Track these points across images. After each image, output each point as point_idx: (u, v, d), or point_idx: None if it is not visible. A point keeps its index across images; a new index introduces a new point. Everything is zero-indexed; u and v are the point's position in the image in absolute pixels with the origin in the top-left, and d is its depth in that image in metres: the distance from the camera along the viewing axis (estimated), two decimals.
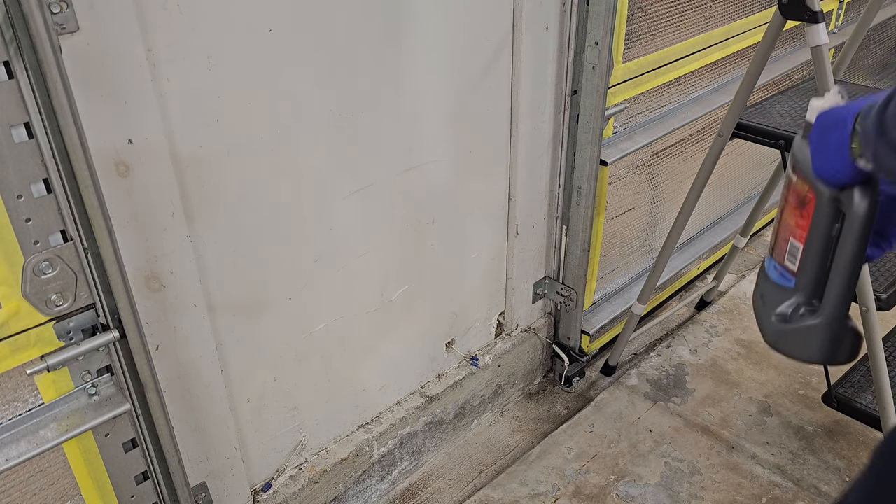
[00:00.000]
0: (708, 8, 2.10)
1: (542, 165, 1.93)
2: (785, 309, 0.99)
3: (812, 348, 0.97)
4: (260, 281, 1.45)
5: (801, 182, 0.94)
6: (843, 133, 0.84)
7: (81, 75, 1.03)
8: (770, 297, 1.01)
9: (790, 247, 0.98)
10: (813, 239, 0.95)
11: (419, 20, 1.50)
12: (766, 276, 1.03)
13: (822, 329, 0.96)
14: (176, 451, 1.26)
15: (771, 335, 1.02)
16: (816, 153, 0.90)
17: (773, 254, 1.02)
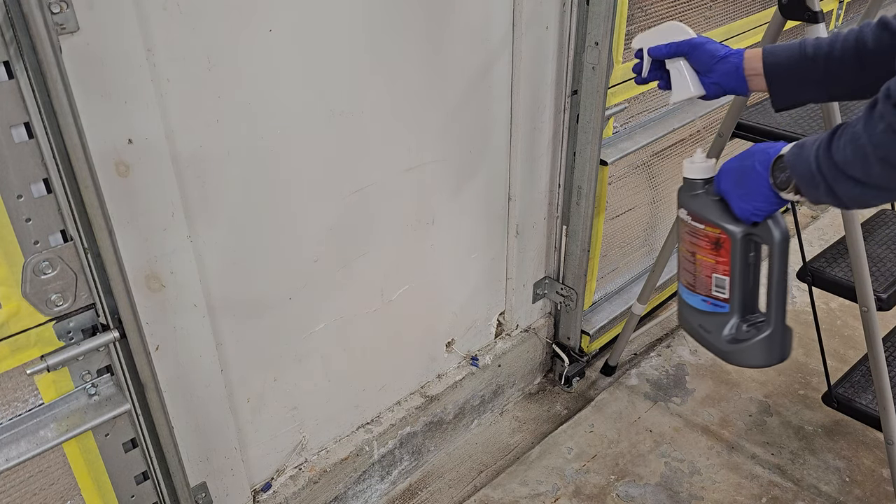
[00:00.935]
0: (708, 8, 2.10)
1: (542, 165, 1.93)
2: (730, 331, 1.19)
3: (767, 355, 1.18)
4: (260, 281, 1.45)
5: (709, 228, 1.14)
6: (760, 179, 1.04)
7: (81, 75, 1.03)
8: (710, 325, 1.21)
9: (716, 280, 1.17)
10: (737, 269, 1.14)
11: (420, 20, 1.50)
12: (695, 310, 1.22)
13: (772, 338, 1.17)
14: (176, 451, 1.26)
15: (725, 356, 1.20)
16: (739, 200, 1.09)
17: (694, 290, 1.21)
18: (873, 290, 1.64)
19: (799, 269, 1.85)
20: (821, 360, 1.88)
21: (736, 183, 1.10)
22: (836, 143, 0.90)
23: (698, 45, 1.23)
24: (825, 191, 0.93)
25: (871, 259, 1.82)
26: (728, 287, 1.17)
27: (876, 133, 0.84)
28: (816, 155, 0.93)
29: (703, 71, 1.24)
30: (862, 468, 1.95)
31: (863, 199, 0.92)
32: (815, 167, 0.93)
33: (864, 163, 0.86)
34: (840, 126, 0.91)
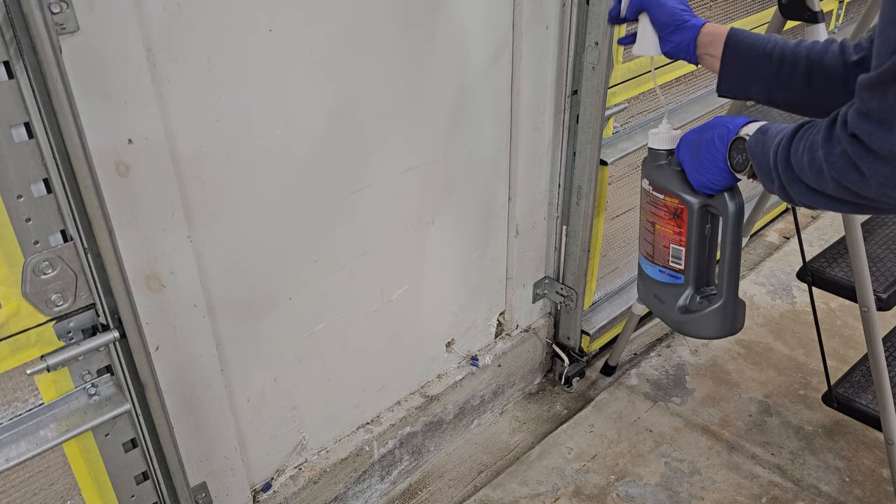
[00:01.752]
0: (708, 8, 2.10)
1: (542, 165, 1.93)
2: (684, 301, 1.20)
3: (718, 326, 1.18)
4: (260, 281, 1.45)
5: (668, 198, 1.16)
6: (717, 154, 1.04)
7: (81, 75, 1.03)
8: (666, 295, 1.23)
9: (672, 251, 1.19)
10: (692, 240, 1.16)
11: (420, 21, 1.50)
12: (653, 280, 1.24)
13: (723, 309, 1.16)
14: (176, 451, 1.26)
15: (678, 325, 1.22)
16: (694, 171, 1.10)
17: (653, 260, 1.23)
18: (873, 290, 1.64)
19: (799, 269, 1.85)
20: (821, 360, 1.88)
21: (692, 153, 1.09)
22: (796, 147, 0.89)
23: (660, 4, 1.21)
24: (779, 186, 0.93)
25: (871, 259, 1.82)
26: (684, 258, 1.18)
27: (833, 154, 0.83)
28: (776, 151, 0.92)
29: (661, 34, 1.22)
30: (862, 468, 1.95)
31: (813, 204, 0.91)
32: (773, 163, 0.93)
33: (819, 175, 0.86)
34: (802, 126, 0.90)
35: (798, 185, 0.90)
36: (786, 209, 3.10)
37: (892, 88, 0.75)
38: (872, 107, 0.77)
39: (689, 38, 1.19)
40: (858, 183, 0.81)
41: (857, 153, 0.79)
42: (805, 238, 2.86)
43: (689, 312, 1.20)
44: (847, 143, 0.80)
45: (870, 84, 0.77)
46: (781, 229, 3.04)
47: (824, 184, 0.85)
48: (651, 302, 1.27)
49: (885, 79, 0.75)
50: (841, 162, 0.82)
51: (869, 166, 0.79)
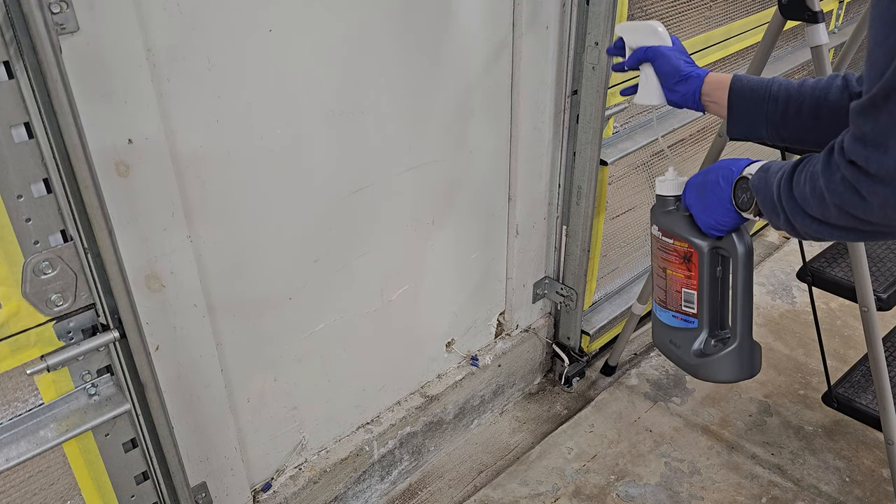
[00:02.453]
0: (708, 8, 2.10)
1: (542, 165, 1.93)
2: (698, 346, 1.20)
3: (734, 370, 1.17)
4: (260, 281, 1.45)
5: (677, 243, 1.17)
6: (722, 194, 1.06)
7: (81, 75, 1.03)
8: (680, 340, 1.22)
9: (685, 296, 1.20)
10: (704, 284, 1.17)
11: (420, 21, 1.50)
12: (667, 326, 1.24)
13: (738, 352, 1.16)
14: (176, 451, 1.26)
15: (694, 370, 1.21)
16: (701, 214, 1.12)
17: (665, 306, 1.24)
18: (873, 290, 1.64)
19: (799, 269, 1.85)
20: (821, 360, 1.88)
21: (699, 196, 1.12)
22: (798, 178, 0.91)
23: (664, 56, 1.25)
24: (784, 220, 0.95)
25: (871, 259, 1.82)
26: (696, 302, 1.19)
27: (833, 181, 0.84)
28: (779, 185, 0.94)
29: (665, 85, 1.27)
30: (862, 468, 1.95)
31: (819, 235, 0.92)
32: (776, 196, 0.94)
33: (822, 204, 0.87)
34: (803, 159, 0.92)
35: (802, 216, 0.91)
36: None
37: (883, 111, 0.76)
38: (867, 131, 0.78)
39: (693, 88, 1.22)
40: (860, 207, 0.82)
41: (856, 178, 0.80)
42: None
43: (704, 356, 1.20)
44: (845, 168, 0.82)
45: (862, 109, 0.78)
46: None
47: (828, 212, 0.87)
48: (666, 347, 1.27)
49: (875, 102, 0.76)
50: (842, 188, 0.83)
51: (868, 189, 0.80)
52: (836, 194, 0.84)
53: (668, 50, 1.26)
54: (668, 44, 1.27)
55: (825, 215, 0.87)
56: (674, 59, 1.24)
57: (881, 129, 0.76)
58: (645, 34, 1.28)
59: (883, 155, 0.77)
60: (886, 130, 0.76)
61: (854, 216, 0.84)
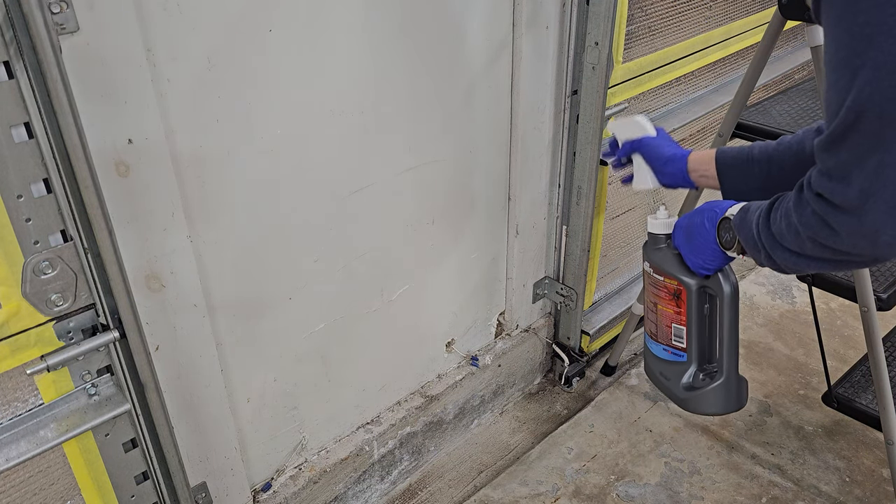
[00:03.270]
0: (708, 8, 2.10)
1: (542, 165, 1.93)
2: (687, 379, 1.25)
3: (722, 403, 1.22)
4: (260, 281, 1.45)
5: (668, 280, 1.22)
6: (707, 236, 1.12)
7: (81, 75, 1.03)
8: (669, 373, 1.27)
9: (675, 330, 1.24)
10: (693, 319, 1.21)
11: (420, 21, 1.50)
12: (658, 358, 1.28)
13: (725, 386, 1.21)
14: (176, 451, 1.26)
15: (683, 403, 1.26)
16: (690, 254, 1.18)
17: (657, 339, 1.28)
18: (873, 290, 1.64)
19: None
20: (821, 360, 1.88)
21: (686, 238, 1.18)
22: (774, 216, 0.96)
23: (648, 145, 1.38)
24: (765, 256, 1.00)
25: None
26: (685, 337, 1.23)
27: (805, 215, 0.90)
28: (757, 223, 1.00)
29: (655, 170, 1.38)
30: (862, 468, 1.95)
31: (798, 268, 0.97)
32: (756, 234, 1.00)
33: (797, 238, 0.92)
34: (778, 198, 0.97)
35: (781, 250, 0.96)
36: None
37: (842, 148, 0.81)
38: (830, 166, 0.84)
39: (680, 167, 1.32)
40: (831, 238, 0.87)
41: (824, 210, 0.86)
42: None
43: (692, 389, 1.24)
44: (814, 202, 0.87)
45: (824, 146, 0.84)
46: None
47: (803, 245, 0.92)
48: (657, 379, 1.32)
49: (835, 139, 0.82)
50: (813, 221, 0.88)
51: (836, 220, 0.85)
52: (809, 227, 0.89)
53: (651, 140, 1.38)
54: (652, 134, 1.39)
55: (801, 248, 0.93)
56: (657, 147, 1.36)
57: (843, 163, 0.82)
58: (631, 129, 1.41)
59: (847, 187, 0.82)
60: (847, 164, 0.82)
61: (827, 247, 0.89)
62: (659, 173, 1.38)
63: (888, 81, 0.75)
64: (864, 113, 0.78)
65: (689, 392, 1.25)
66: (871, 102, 0.77)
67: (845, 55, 0.78)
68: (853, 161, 0.81)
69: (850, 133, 0.80)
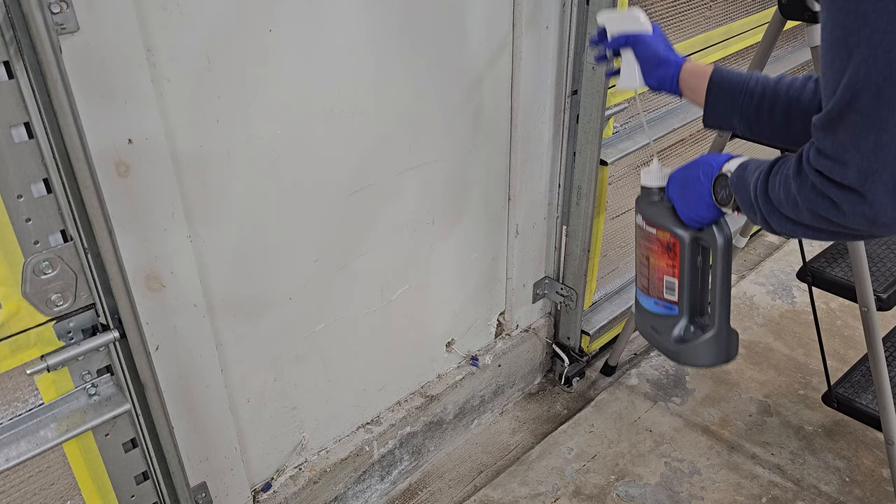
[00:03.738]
0: (708, 8, 2.10)
1: (542, 165, 1.93)
2: (678, 332, 1.24)
3: (713, 355, 1.22)
4: (260, 281, 1.45)
5: (661, 233, 1.20)
6: (702, 190, 1.10)
7: (81, 75, 1.03)
8: (661, 327, 1.26)
9: (666, 283, 1.23)
10: (685, 272, 1.20)
11: (420, 20, 1.50)
12: (649, 312, 1.28)
13: (716, 338, 1.20)
14: (176, 451, 1.26)
15: (674, 355, 1.26)
16: (683, 207, 1.16)
17: (648, 293, 1.27)
18: (873, 290, 1.64)
19: (799, 269, 1.85)
20: (821, 360, 1.88)
21: (681, 190, 1.16)
22: (773, 181, 0.94)
23: (643, 42, 1.28)
24: (761, 218, 0.99)
25: (871, 259, 1.82)
26: (677, 290, 1.22)
27: (804, 188, 0.88)
28: (755, 185, 0.98)
29: (645, 70, 1.29)
30: (862, 468, 1.95)
31: (794, 234, 0.96)
32: (753, 196, 0.98)
33: (795, 207, 0.91)
34: (778, 160, 0.95)
35: (778, 216, 0.95)
36: None
37: (839, 128, 0.80)
38: (826, 145, 0.83)
39: (671, 73, 1.26)
40: (833, 212, 0.86)
41: (825, 186, 0.85)
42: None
43: (683, 342, 1.24)
44: (814, 177, 0.86)
45: (821, 125, 0.83)
46: None
47: (801, 215, 0.91)
48: (648, 333, 1.31)
49: (831, 119, 0.81)
50: (813, 195, 0.87)
51: (839, 196, 0.84)
52: (809, 200, 0.88)
53: (647, 37, 1.29)
54: (648, 31, 1.30)
55: (799, 217, 0.91)
56: (653, 45, 1.28)
57: (840, 143, 0.81)
58: (626, 21, 1.31)
59: (843, 168, 0.82)
60: (844, 145, 0.81)
61: (826, 219, 0.88)
62: (648, 74, 1.30)
63: (884, 60, 0.75)
64: (861, 92, 0.77)
65: (680, 345, 1.24)
66: (867, 82, 0.77)
67: (841, 34, 0.78)
68: (850, 141, 0.80)
69: (847, 112, 0.79)
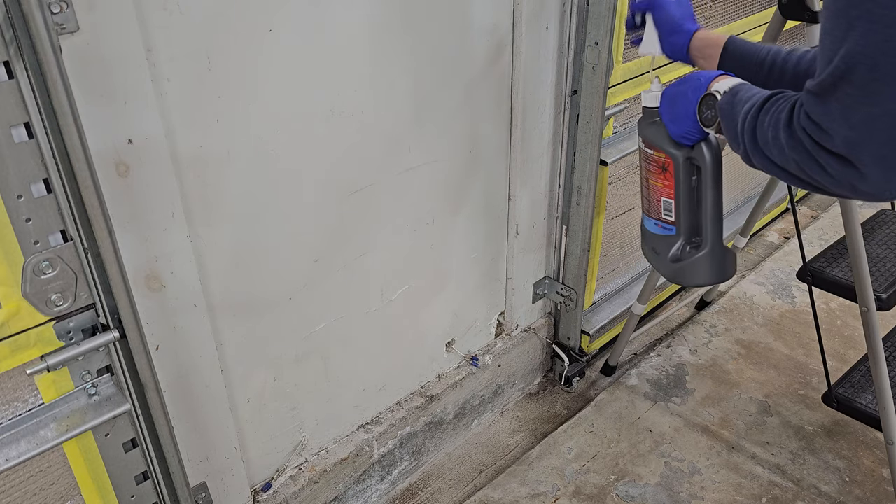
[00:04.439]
0: (708, 8, 2.10)
1: (542, 165, 1.93)
2: (675, 252, 1.26)
3: (706, 273, 1.25)
4: (260, 281, 1.45)
5: (656, 153, 1.22)
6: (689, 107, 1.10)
7: (81, 75, 1.03)
8: (660, 247, 1.28)
9: (664, 203, 1.25)
10: (680, 192, 1.22)
11: (420, 21, 1.50)
12: (650, 233, 1.30)
13: (709, 256, 1.23)
14: (176, 451, 1.26)
15: (670, 275, 1.28)
16: (670, 123, 1.17)
17: (649, 214, 1.29)
18: (873, 290, 1.64)
19: (799, 269, 1.85)
20: (821, 360, 1.88)
21: (670, 105, 1.17)
22: (762, 119, 0.94)
23: (661, 7, 1.30)
24: (743, 153, 0.98)
25: (871, 259, 1.82)
26: (674, 210, 1.24)
27: (794, 139, 0.89)
28: (744, 120, 0.97)
29: (661, 36, 1.31)
30: (862, 468, 1.95)
31: (773, 174, 0.97)
32: (740, 129, 0.97)
33: (781, 154, 0.91)
34: (772, 97, 0.94)
35: (762, 156, 0.95)
36: (785, 209, 3.10)
37: (831, 98, 0.82)
38: (817, 112, 0.84)
39: (682, 41, 1.28)
40: (821, 173, 0.87)
41: (814, 149, 0.86)
42: (805, 238, 2.86)
43: (678, 261, 1.26)
44: (803, 135, 0.87)
45: (814, 92, 0.84)
46: (781, 229, 3.04)
47: (787, 162, 0.91)
48: (649, 255, 1.33)
49: (824, 87, 0.82)
50: (803, 152, 0.88)
51: (827, 161, 0.86)
52: (797, 152, 0.89)
53: (665, 2, 1.30)
54: None
55: (784, 164, 0.92)
56: (670, 10, 1.29)
57: (830, 112, 0.82)
58: None
59: (829, 137, 0.83)
60: (833, 114, 0.82)
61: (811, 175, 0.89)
62: (663, 41, 1.32)
63: (882, 35, 0.76)
64: (857, 65, 0.78)
65: (676, 263, 1.26)
66: (863, 55, 0.78)
67: (843, 5, 0.79)
68: (840, 111, 0.81)
69: (840, 83, 0.80)
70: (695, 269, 1.25)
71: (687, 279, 1.27)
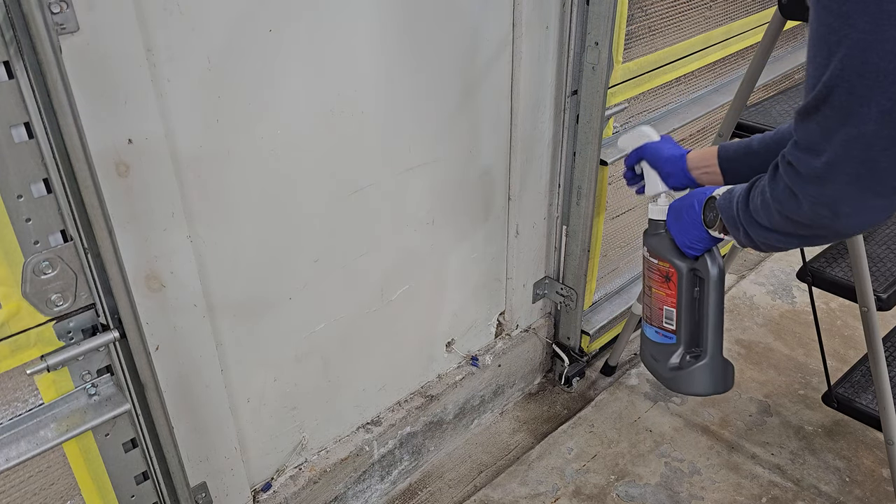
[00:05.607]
0: (708, 8, 2.10)
1: (542, 165, 1.93)
2: (675, 360, 1.28)
3: (705, 383, 1.26)
4: (260, 281, 1.45)
5: (661, 263, 1.27)
6: (694, 215, 1.18)
7: (81, 75, 1.03)
8: (660, 355, 1.31)
9: (665, 312, 1.29)
10: (682, 302, 1.26)
11: (420, 21, 1.50)
12: (650, 341, 1.34)
13: (708, 367, 1.25)
14: (176, 451, 1.26)
15: (669, 382, 1.30)
16: (678, 233, 1.23)
17: (650, 322, 1.33)
18: (873, 290, 1.64)
19: (799, 269, 1.85)
20: (821, 360, 1.88)
21: (676, 217, 1.23)
22: (753, 193, 1.01)
23: (650, 149, 1.40)
24: (743, 233, 1.05)
25: (871, 259, 1.82)
26: (675, 319, 1.28)
27: (776, 188, 0.94)
28: (737, 202, 1.05)
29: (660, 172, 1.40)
30: (862, 468, 1.95)
31: (769, 243, 1.02)
32: (736, 212, 1.05)
33: (768, 213, 0.97)
34: (757, 179, 1.02)
35: (755, 226, 1.01)
36: None
37: (813, 120, 0.85)
38: (801, 136, 0.88)
39: (680, 166, 1.36)
40: (795, 209, 0.92)
41: (792, 179, 0.90)
42: None
43: (678, 370, 1.29)
44: (784, 171, 0.92)
45: (798, 116, 0.88)
46: None
47: (773, 219, 0.97)
48: (648, 361, 1.36)
49: (809, 110, 0.85)
50: (782, 193, 0.93)
51: (800, 189, 0.89)
52: (777, 200, 0.94)
53: (653, 144, 1.40)
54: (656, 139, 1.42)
55: (771, 222, 0.98)
56: (658, 150, 1.39)
57: (811, 134, 0.86)
58: (635, 139, 1.44)
59: (812, 157, 0.87)
60: (817, 135, 0.85)
61: (791, 219, 0.94)
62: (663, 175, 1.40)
63: (860, 59, 0.79)
64: (836, 88, 0.81)
65: (675, 372, 1.29)
66: (841, 78, 0.80)
67: (824, 32, 0.82)
68: (821, 133, 0.85)
69: (822, 106, 0.83)
70: (693, 379, 1.27)
71: (684, 388, 1.29)
